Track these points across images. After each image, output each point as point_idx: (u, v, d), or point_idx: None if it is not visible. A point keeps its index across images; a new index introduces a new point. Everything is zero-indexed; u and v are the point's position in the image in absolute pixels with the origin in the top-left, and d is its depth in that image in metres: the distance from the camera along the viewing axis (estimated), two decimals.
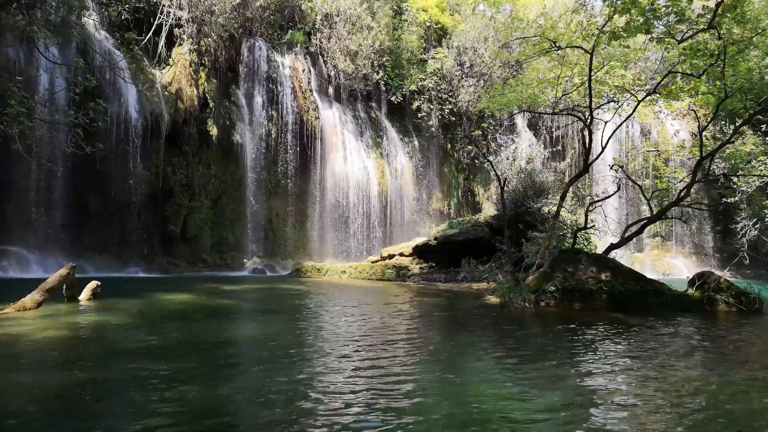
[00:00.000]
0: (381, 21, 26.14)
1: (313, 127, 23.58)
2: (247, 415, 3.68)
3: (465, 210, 27.89)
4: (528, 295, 9.96)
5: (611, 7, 10.68)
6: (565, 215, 17.15)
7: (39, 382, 4.38)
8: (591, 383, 4.65)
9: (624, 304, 9.84)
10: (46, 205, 17.28)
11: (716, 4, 10.05)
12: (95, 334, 6.68)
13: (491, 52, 26.24)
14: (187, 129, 20.52)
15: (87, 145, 12.98)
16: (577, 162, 28.28)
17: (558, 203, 13.74)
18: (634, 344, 6.52)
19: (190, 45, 20.82)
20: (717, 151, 12.47)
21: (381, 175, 25.30)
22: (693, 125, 22.84)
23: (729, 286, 10.26)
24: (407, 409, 3.78)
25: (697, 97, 13.00)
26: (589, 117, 12.82)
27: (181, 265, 19.73)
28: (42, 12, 14.17)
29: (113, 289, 10.68)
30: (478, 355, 5.81)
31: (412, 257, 18.40)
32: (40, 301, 8.17)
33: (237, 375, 4.80)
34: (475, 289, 13.85)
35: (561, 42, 12.40)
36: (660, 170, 19.39)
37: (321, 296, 12.10)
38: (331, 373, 4.79)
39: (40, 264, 16.33)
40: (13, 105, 11.88)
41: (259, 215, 22.38)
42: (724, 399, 4.26)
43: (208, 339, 6.43)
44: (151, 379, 4.42)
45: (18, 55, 16.22)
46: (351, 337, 6.70)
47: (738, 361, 5.89)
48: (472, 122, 27.73)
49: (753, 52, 10.95)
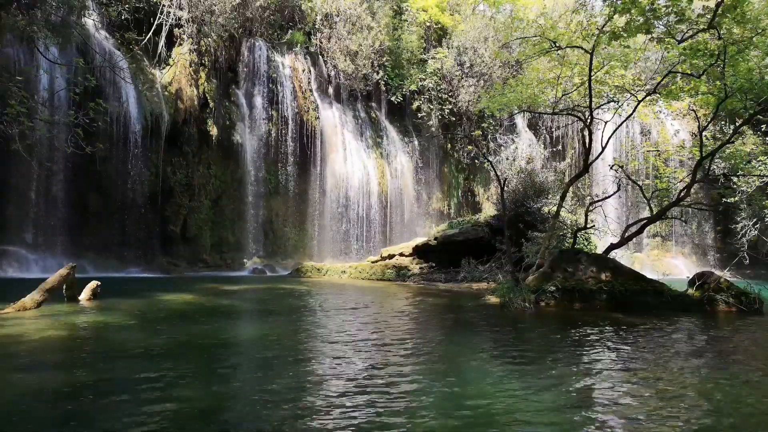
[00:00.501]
0: (381, 21, 26.14)
1: (313, 127, 23.58)
2: (247, 415, 3.68)
3: (465, 210, 27.89)
4: (528, 295, 9.96)
5: (611, 7, 10.68)
6: (565, 215, 17.15)
7: (39, 382, 4.38)
8: (591, 383, 4.65)
9: (624, 304, 9.84)
10: (46, 205, 17.28)
11: (716, 4, 10.05)
12: (95, 334, 6.68)
13: (491, 52, 26.24)
14: (187, 129, 20.52)
15: (87, 145, 12.97)
16: (577, 162, 28.29)
17: (558, 203, 13.74)
18: (634, 344, 6.52)
19: (190, 45, 20.83)
20: (717, 151, 12.47)
21: (381, 175, 25.30)
22: (693, 125, 22.84)
23: (729, 286, 10.26)
24: (407, 409, 3.78)
25: (697, 97, 13.00)
26: (589, 117, 12.82)
27: (181, 265, 19.73)
28: (42, 12, 14.17)
29: (113, 289, 10.69)
30: (477, 355, 5.81)
31: (412, 257, 18.40)
32: (40, 301, 8.18)
33: (237, 375, 4.80)
34: (475, 289, 13.85)
35: (561, 42, 12.40)
36: (660, 170, 19.40)
37: (321, 296, 12.09)
38: (331, 374, 4.79)
39: (40, 264, 16.34)
40: (13, 105, 11.88)
41: (259, 215, 22.39)
42: (724, 399, 4.26)
43: (208, 339, 6.43)
44: (151, 379, 4.42)
45: (18, 55, 16.23)
46: (351, 337, 6.70)
47: (738, 361, 5.88)
48: (472, 122, 27.73)
49: (753, 52, 10.95)
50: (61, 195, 17.45)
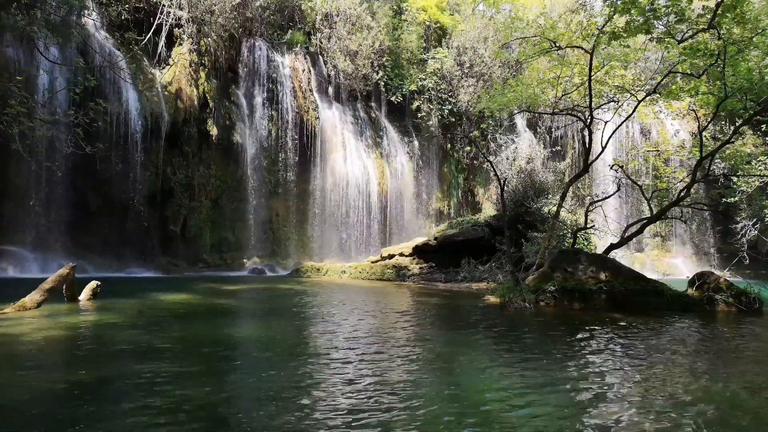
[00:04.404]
0: (381, 21, 26.15)
1: (313, 127, 23.58)
2: (247, 415, 3.68)
3: (465, 210, 27.88)
4: (528, 295, 9.96)
5: (611, 7, 10.68)
6: (565, 215, 17.15)
7: (39, 382, 4.38)
8: (590, 383, 4.65)
9: (624, 304, 9.84)
10: (46, 205, 17.27)
11: (716, 4, 10.05)
12: (95, 334, 6.68)
13: (491, 52, 26.24)
14: (187, 129, 20.52)
15: (87, 145, 13.00)
16: (577, 162, 28.29)
17: (558, 203, 13.75)
18: (634, 344, 6.52)
19: (190, 45, 20.83)
20: (717, 151, 12.48)
21: (381, 175, 25.31)
22: (693, 125, 22.83)
23: (729, 286, 10.27)
24: (406, 409, 3.78)
25: (697, 97, 13.01)
26: (589, 117, 12.83)
27: (181, 265, 19.73)
28: (42, 12, 14.17)
29: (113, 289, 10.68)
30: (477, 354, 5.81)
31: (411, 257, 18.41)
32: (40, 301, 8.17)
33: (237, 375, 4.80)
34: (474, 289, 13.85)
35: (561, 42, 12.41)
36: (660, 170, 19.39)
37: (320, 296, 12.10)
38: (331, 373, 4.79)
39: (40, 264, 16.33)
40: (13, 105, 11.89)
41: (259, 215, 22.39)
42: (724, 399, 4.26)
43: (208, 339, 6.43)
44: (151, 379, 4.42)
45: (18, 55, 16.22)
46: (350, 337, 6.70)
47: (738, 361, 5.89)
48: (471, 122, 27.73)
49: (753, 52, 10.96)
50: (61, 195, 17.43)
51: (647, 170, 25.87)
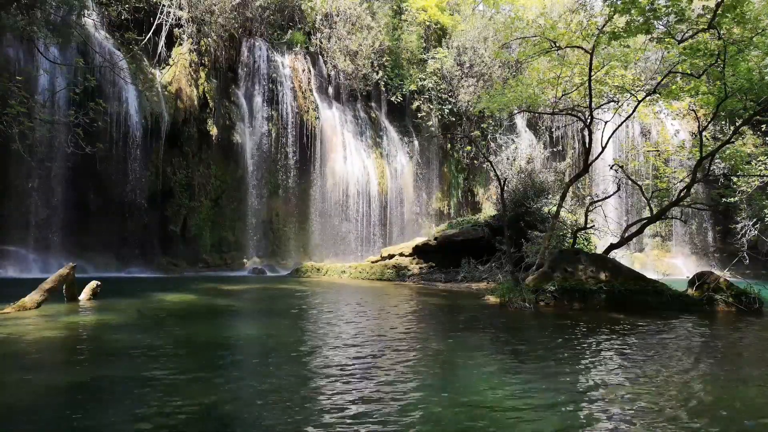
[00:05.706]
0: (381, 21, 26.16)
1: (313, 127, 23.59)
2: (247, 415, 3.68)
3: (465, 210, 27.89)
4: (528, 295, 9.96)
5: (611, 7, 10.68)
6: (565, 215, 17.15)
7: (38, 382, 4.38)
8: (590, 383, 4.65)
9: (624, 304, 9.84)
10: (45, 205, 17.27)
11: (716, 4, 10.05)
12: (95, 334, 6.68)
13: (491, 52, 26.24)
14: (187, 129, 20.52)
15: (87, 145, 13.01)
16: (577, 162, 28.29)
17: (558, 203, 13.75)
18: (634, 344, 6.52)
19: (190, 45, 20.83)
20: (717, 151, 12.48)
21: (381, 175, 25.31)
22: (693, 125, 22.83)
23: (729, 286, 10.27)
24: (406, 409, 3.78)
25: (697, 97, 13.00)
26: (589, 117, 12.83)
27: (181, 265, 19.73)
28: (42, 12, 14.18)
29: (113, 289, 10.68)
30: (476, 354, 5.81)
31: (411, 257, 18.41)
32: (40, 301, 8.17)
33: (236, 375, 4.80)
34: (474, 289, 13.85)
35: (561, 42, 12.41)
36: (660, 170, 19.40)
37: (320, 296, 12.10)
38: (331, 373, 4.79)
39: (40, 264, 16.33)
40: (13, 105, 11.90)
41: (259, 215, 22.38)
42: (724, 399, 4.26)
43: (208, 339, 6.43)
44: (151, 379, 4.42)
45: (18, 55, 16.22)
46: (350, 337, 6.70)
47: (738, 361, 5.89)
48: (472, 122, 27.73)
49: (753, 52, 10.95)
50: (61, 195, 17.44)
51: (647, 170, 25.87)
